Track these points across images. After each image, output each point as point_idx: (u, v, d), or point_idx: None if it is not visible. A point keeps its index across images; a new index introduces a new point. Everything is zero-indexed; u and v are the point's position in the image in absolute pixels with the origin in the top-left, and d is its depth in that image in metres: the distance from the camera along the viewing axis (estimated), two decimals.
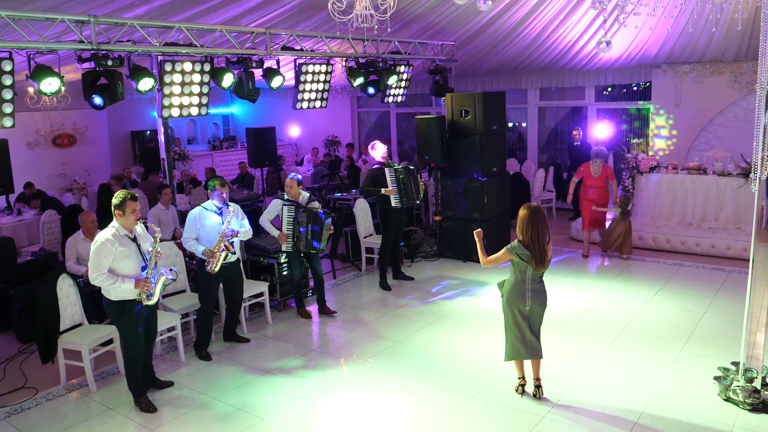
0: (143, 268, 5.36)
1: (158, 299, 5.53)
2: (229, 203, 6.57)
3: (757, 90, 4.96)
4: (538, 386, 5.51)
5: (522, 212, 5.27)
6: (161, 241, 5.73)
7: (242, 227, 6.66)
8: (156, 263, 5.42)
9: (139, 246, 5.37)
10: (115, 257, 5.19)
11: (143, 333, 5.53)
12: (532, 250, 5.17)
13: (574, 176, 10.14)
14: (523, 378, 5.60)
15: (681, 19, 9.58)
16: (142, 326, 5.49)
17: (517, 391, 5.58)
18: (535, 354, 5.42)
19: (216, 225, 6.42)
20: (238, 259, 6.78)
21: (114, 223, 5.31)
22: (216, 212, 6.49)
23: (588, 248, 10.11)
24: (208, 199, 6.62)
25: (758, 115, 4.93)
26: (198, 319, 6.68)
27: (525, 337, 5.37)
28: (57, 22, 6.57)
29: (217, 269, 6.35)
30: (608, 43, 7.42)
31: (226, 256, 6.39)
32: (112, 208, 5.27)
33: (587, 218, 9.96)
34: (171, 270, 5.58)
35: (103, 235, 5.20)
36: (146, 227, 5.57)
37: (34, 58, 6.61)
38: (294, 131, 18.70)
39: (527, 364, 5.61)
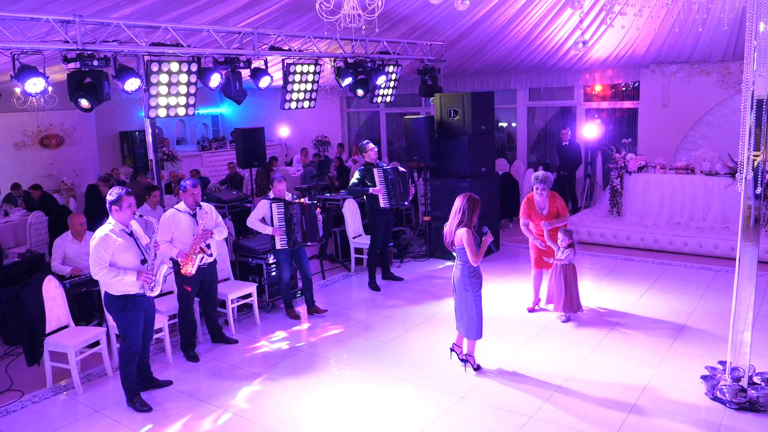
0: (142, 262, 5.41)
1: (160, 291, 5.57)
2: (202, 203, 6.61)
3: (743, 90, 4.98)
4: (462, 359, 6.12)
5: None
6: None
7: (216, 226, 6.66)
8: (156, 254, 5.50)
9: (136, 240, 5.44)
10: (114, 251, 5.27)
11: (142, 330, 5.58)
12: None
13: (522, 218, 7.38)
14: (453, 343, 6.24)
15: (668, 19, 9.63)
16: (142, 323, 5.55)
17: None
18: (457, 328, 6.08)
19: (190, 227, 6.42)
20: (215, 260, 6.78)
21: (110, 219, 5.38)
22: (189, 213, 6.48)
23: (536, 298, 7.65)
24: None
25: (744, 114, 4.95)
26: (180, 320, 6.64)
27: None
28: (42, 22, 6.53)
29: (193, 271, 6.32)
30: (585, 42, 7.46)
31: (202, 258, 6.35)
32: (108, 205, 5.35)
33: (535, 254, 7.47)
34: (170, 259, 5.74)
35: (101, 231, 5.31)
36: (141, 218, 5.64)
37: (18, 58, 6.55)
38: (283, 131, 18.66)
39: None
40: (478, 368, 6.06)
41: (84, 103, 6.90)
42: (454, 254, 5.97)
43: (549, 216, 7.22)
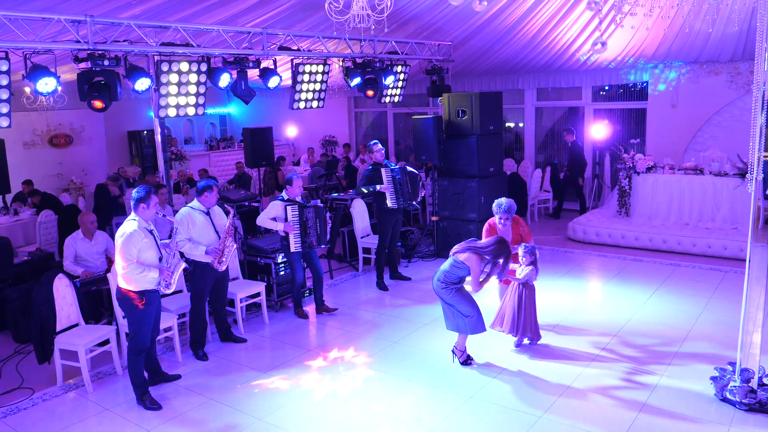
0: (159, 260, 5.52)
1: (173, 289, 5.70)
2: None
3: (754, 90, 4.96)
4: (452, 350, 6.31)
5: None
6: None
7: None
8: (175, 254, 5.63)
9: (155, 238, 5.55)
10: (141, 248, 5.37)
11: (152, 326, 5.67)
12: None
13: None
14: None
15: (677, 19, 9.60)
16: (153, 319, 5.64)
17: None
18: (447, 327, 6.22)
19: (206, 224, 6.48)
20: None
21: (134, 216, 5.46)
22: (204, 212, 6.53)
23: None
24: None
25: (755, 115, 4.94)
26: (191, 319, 6.68)
27: None
28: (53, 22, 6.57)
29: (222, 268, 6.45)
30: (603, 43, 7.44)
31: (232, 252, 6.49)
32: (135, 202, 5.43)
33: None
34: (185, 260, 5.89)
35: (129, 227, 5.37)
36: (164, 218, 5.74)
37: (30, 57, 6.59)
38: (291, 131, 18.68)
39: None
40: (464, 362, 6.17)
41: (98, 104, 6.94)
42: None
43: (513, 243, 6.59)
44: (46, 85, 6.57)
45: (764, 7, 4.78)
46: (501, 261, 5.85)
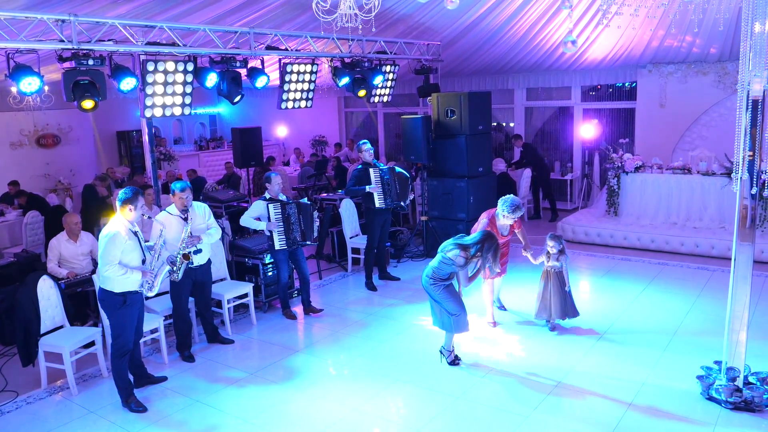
0: (143, 261, 5.49)
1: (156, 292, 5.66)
2: (196, 202, 6.56)
3: (739, 90, 4.98)
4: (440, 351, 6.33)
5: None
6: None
7: (208, 228, 6.57)
8: (159, 256, 5.59)
9: (140, 240, 5.51)
10: (123, 249, 5.33)
11: (135, 328, 5.62)
12: None
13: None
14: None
15: (664, 19, 9.62)
16: (135, 321, 5.60)
17: None
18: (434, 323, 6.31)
19: (180, 230, 6.28)
20: (209, 261, 6.71)
21: (120, 216, 5.42)
22: (180, 217, 6.39)
23: (492, 313, 7.26)
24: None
25: (740, 115, 4.95)
26: (174, 320, 6.63)
27: None
28: (37, 21, 6.50)
29: (179, 277, 6.22)
30: (574, 42, 7.50)
31: (186, 265, 6.24)
32: (121, 203, 5.39)
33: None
34: (172, 263, 5.86)
35: (113, 228, 5.34)
36: (149, 219, 5.71)
37: (13, 57, 6.53)
38: (281, 131, 18.64)
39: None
40: (451, 362, 6.17)
41: (87, 104, 6.88)
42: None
43: (509, 234, 6.96)
44: (30, 84, 6.51)
45: (749, 8, 4.79)
46: (490, 255, 5.88)
